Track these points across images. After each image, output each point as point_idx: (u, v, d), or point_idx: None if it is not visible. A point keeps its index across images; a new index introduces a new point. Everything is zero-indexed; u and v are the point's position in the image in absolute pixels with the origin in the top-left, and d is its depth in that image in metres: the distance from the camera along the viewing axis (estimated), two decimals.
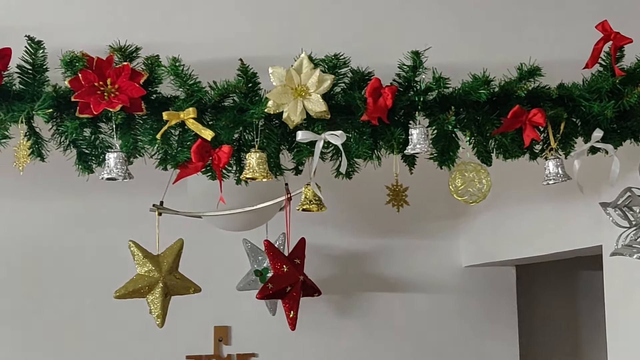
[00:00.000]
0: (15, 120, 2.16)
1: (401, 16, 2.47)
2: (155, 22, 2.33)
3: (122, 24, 2.30)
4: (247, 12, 2.38)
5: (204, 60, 2.25)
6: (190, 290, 3.01)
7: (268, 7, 2.39)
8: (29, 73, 2.19)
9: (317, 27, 2.43)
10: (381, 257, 4.05)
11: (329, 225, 3.89)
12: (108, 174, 2.22)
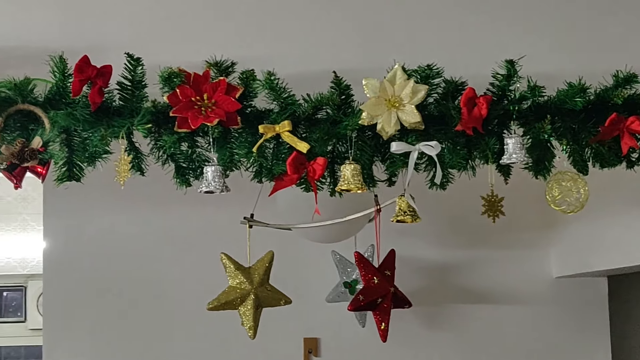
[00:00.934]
0: (116, 136, 2.21)
1: (494, 26, 2.46)
2: (249, 37, 2.37)
3: (218, 39, 2.33)
4: (339, 24, 2.40)
5: (297, 73, 2.27)
6: (281, 302, 3.03)
7: (360, 19, 2.41)
8: (128, 89, 2.24)
9: (409, 38, 2.44)
10: (470, 268, 4.01)
11: (417, 236, 3.87)
12: (206, 187, 2.25)
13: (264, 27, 2.38)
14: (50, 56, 2.19)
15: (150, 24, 2.28)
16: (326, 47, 2.39)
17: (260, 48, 2.36)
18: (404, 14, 2.42)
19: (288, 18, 2.38)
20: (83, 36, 2.29)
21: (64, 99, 2.21)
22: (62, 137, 2.21)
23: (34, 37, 2.27)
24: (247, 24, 2.36)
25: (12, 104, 2.18)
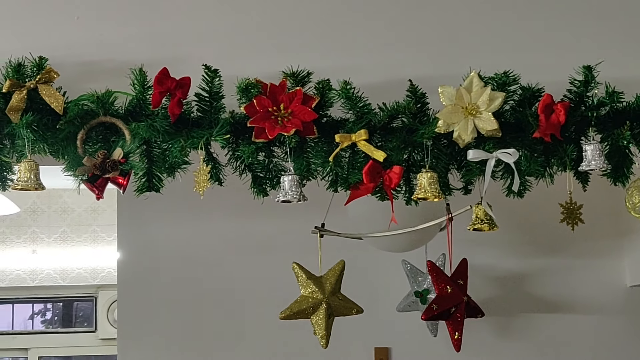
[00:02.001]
0: (195, 147, 2.24)
1: (571, 31, 2.44)
2: (325, 47, 2.38)
3: (294, 50, 2.35)
4: (414, 33, 2.40)
5: (373, 82, 2.28)
6: (353, 312, 3.03)
7: (435, 27, 2.40)
8: (206, 100, 2.27)
9: (485, 45, 2.43)
10: (543, 277, 3.96)
11: (488, 245, 3.84)
12: (284, 196, 2.27)
13: (339, 37, 2.39)
14: (131, 69, 2.23)
15: (228, 36, 2.30)
16: (401, 56, 2.40)
17: (336, 58, 2.37)
18: (479, 21, 2.42)
19: (363, 28, 2.39)
20: (162, 49, 2.32)
21: (144, 111, 2.25)
22: (142, 148, 2.25)
23: (114, 51, 2.31)
24: (323, 34, 2.38)
25: (94, 117, 2.22)
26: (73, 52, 2.30)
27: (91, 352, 6.85)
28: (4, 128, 2.21)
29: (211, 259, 3.74)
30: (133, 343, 3.72)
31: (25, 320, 7.06)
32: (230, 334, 3.74)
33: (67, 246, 6.57)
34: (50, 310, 7.21)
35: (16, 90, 2.17)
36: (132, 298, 3.72)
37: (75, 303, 7.04)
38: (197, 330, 3.73)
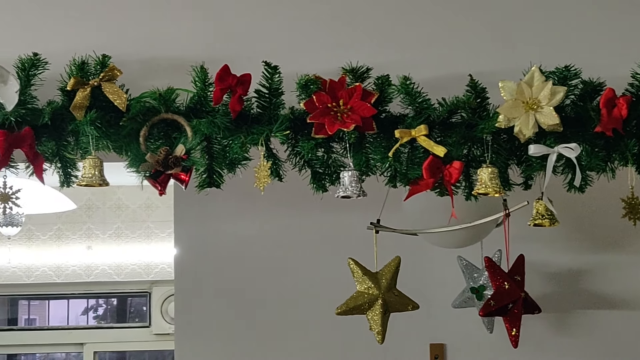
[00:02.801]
0: (255, 143, 2.26)
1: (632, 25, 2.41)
2: (384, 42, 2.39)
3: (353, 45, 2.36)
4: (474, 27, 2.39)
5: (432, 77, 2.28)
6: (409, 307, 3.03)
7: (495, 21, 2.39)
8: (265, 97, 2.29)
9: (545, 40, 2.41)
10: (600, 273, 3.91)
11: (545, 241, 3.80)
12: (343, 192, 2.28)
13: (398, 32, 2.39)
14: (192, 67, 2.25)
15: (287, 33, 2.32)
16: (461, 51, 2.39)
17: (395, 53, 2.38)
18: (539, 16, 2.40)
19: (422, 22, 2.39)
20: (223, 46, 2.34)
21: (205, 108, 2.27)
22: (203, 144, 2.27)
23: (176, 49, 2.34)
24: (382, 29, 2.38)
25: (157, 114, 2.25)
26: (135, 50, 2.33)
27: (145, 347, 6.93)
28: (68, 125, 2.24)
29: (267, 255, 3.76)
30: (190, 338, 3.76)
31: (80, 316, 7.17)
32: (286, 329, 3.76)
33: (122, 242, 6.66)
34: (104, 305, 7.32)
35: (80, 88, 2.20)
36: (189, 294, 3.76)
37: (129, 298, 7.13)
38: (252, 325, 3.75)
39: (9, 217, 5.29)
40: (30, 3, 2.30)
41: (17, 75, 2.19)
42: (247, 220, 3.72)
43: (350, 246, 3.27)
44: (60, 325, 7.01)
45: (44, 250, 6.59)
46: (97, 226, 6.65)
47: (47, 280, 6.60)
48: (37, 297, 7.00)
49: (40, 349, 7.02)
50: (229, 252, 3.74)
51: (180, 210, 3.77)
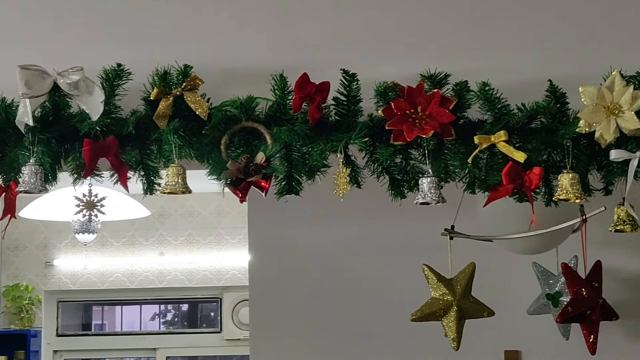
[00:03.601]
0: (335, 150, 2.28)
1: None
2: (462, 49, 2.38)
3: (431, 52, 2.36)
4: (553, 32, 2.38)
5: (511, 82, 2.27)
6: (484, 314, 3.02)
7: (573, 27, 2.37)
8: (344, 104, 2.30)
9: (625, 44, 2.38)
10: None
11: (621, 247, 3.76)
12: (422, 198, 2.28)
13: (477, 38, 2.39)
14: (272, 75, 2.28)
15: (365, 41, 2.33)
16: (540, 56, 2.38)
17: (473, 59, 2.37)
18: (618, 20, 2.37)
19: (501, 28, 2.38)
20: (302, 55, 2.36)
21: (284, 116, 2.29)
22: (282, 152, 2.29)
23: (256, 58, 2.37)
24: (460, 35, 2.38)
25: (237, 122, 2.28)
26: (216, 60, 2.37)
27: (216, 352, 7.00)
28: (151, 134, 2.29)
29: (341, 261, 3.78)
30: (264, 344, 3.80)
31: (153, 321, 7.27)
32: (361, 335, 3.77)
33: (193, 248, 6.74)
34: (174, 311, 7.40)
35: (163, 98, 2.25)
36: (263, 299, 3.80)
37: (200, 304, 7.20)
38: (327, 331, 3.77)
39: (85, 224, 5.40)
40: (114, 15, 2.36)
41: (101, 86, 2.24)
42: (321, 226, 3.74)
43: (425, 252, 3.27)
44: (132, 330, 7.11)
45: (117, 257, 6.71)
46: (169, 233, 6.74)
47: (120, 286, 6.72)
48: (110, 302, 7.11)
49: (114, 353, 7.14)
50: (303, 258, 3.77)
51: (254, 217, 3.81)
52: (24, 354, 6.49)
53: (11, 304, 6.57)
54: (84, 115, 2.24)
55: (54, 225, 6.51)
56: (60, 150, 2.28)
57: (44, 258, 6.71)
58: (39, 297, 6.67)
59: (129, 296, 6.93)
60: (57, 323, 6.90)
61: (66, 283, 6.72)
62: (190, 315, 7.31)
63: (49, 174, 2.27)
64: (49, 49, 2.34)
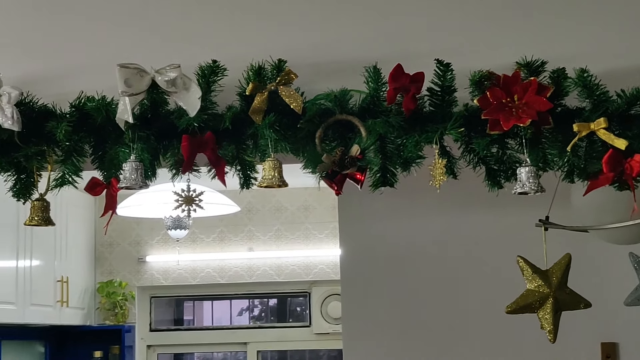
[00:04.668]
0: (430, 141, 2.26)
1: None
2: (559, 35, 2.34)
3: (526, 40, 2.32)
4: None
5: (610, 69, 2.22)
6: (581, 306, 2.96)
7: None
8: (438, 95, 2.28)
9: None
10: None
11: None
12: (521, 188, 2.25)
13: (573, 23, 2.34)
14: (365, 67, 2.27)
15: (459, 30, 2.31)
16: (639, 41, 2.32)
17: (570, 45, 2.32)
18: None
19: (598, 13, 2.33)
20: (395, 46, 2.36)
21: (378, 108, 2.29)
22: (377, 144, 2.29)
23: (349, 50, 2.37)
24: (556, 21, 2.33)
25: (331, 115, 2.29)
26: (310, 53, 2.37)
27: (306, 346, 7.04)
28: (247, 129, 2.31)
29: (434, 253, 3.77)
30: (357, 337, 3.81)
31: (243, 316, 7.35)
32: (454, 328, 3.75)
33: (282, 243, 6.79)
34: (261, 306, 7.47)
35: (258, 93, 2.26)
36: (355, 293, 3.81)
37: (289, 298, 7.25)
38: (420, 324, 3.76)
39: (177, 220, 5.50)
40: (207, 12, 2.38)
41: (198, 82, 2.27)
42: (413, 218, 3.73)
43: (519, 244, 3.23)
44: (224, 325, 7.20)
45: (208, 252, 6.80)
46: (257, 228, 6.81)
47: (211, 281, 6.81)
48: (201, 297, 7.22)
49: (205, 348, 7.24)
50: (394, 251, 3.76)
51: (344, 211, 3.82)
52: (118, 349, 6.63)
53: (105, 300, 6.72)
54: (181, 111, 2.27)
55: (146, 222, 6.64)
56: (159, 146, 2.31)
57: (137, 255, 6.85)
58: (132, 293, 6.81)
59: (219, 291, 7.02)
60: (150, 318, 7.03)
61: (158, 279, 6.85)
62: (280, 309, 7.37)
63: (148, 170, 2.31)
64: (146, 48, 2.38)
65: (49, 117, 2.33)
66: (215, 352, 7.43)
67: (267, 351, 7.16)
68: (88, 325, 6.64)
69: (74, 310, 6.40)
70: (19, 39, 2.35)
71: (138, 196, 5.14)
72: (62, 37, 2.34)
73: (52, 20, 2.26)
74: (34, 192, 2.43)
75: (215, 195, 5.19)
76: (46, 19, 2.25)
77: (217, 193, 5.23)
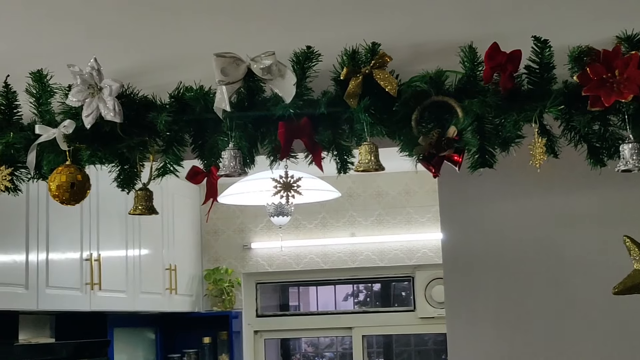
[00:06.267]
0: (529, 120, 2.22)
1: None
2: None
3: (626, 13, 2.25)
4: None
5: None
6: None
7: None
8: (536, 72, 2.24)
9: None
10: None
11: None
12: (624, 165, 2.19)
13: None
14: (460, 47, 2.25)
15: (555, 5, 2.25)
16: None
17: None
18: None
19: None
20: (491, 24, 2.32)
21: (475, 88, 2.26)
22: (474, 125, 2.26)
23: (443, 31, 2.34)
24: None
25: (427, 97, 2.27)
26: (403, 35, 2.36)
27: (410, 331, 7.03)
28: (343, 114, 2.31)
29: (538, 234, 3.70)
30: (461, 322, 3.77)
31: (346, 301, 7.38)
32: (560, 311, 3.68)
33: (383, 228, 6.79)
34: (365, 290, 7.49)
35: (352, 77, 2.27)
36: (459, 277, 3.77)
37: (393, 283, 7.25)
38: (525, 307, 3.70)
39: (279, 207, 5.55)
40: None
41: (293, 69, 2.28)
42: (514, 199, 3.67)
43: (624, 223, 3.15)
44: (329, 310, 7.25)
45: (310, 238, 6.85)
46: (359, 213, 6.82)
47: (314, 266, 6.86)
48: (305, 283, 7.28)
49: (311, 333, 7.30)
50: (497, 233, 3.71)
51: (444, 194, 3.79)
52: (226, 334, 6.75)
53: (213, 286, 6.84)
54: (277, 98, 2.29)
55: (249, 210, 6.73)
56: (256, 133, 2.34)
57: (242, 242, 6.95)
58: (239, 280, 6.92)
59: (323, 277, 7.07)
60: (257, 304, 7.13)
61: (263, 265, 6.94)
62: (383, 294, 7.37)
63: (246, 157, 2.34)
64: (241, 37, 2.40)
65: (149, 108, 2.39)
66: (322, 337, 7.49)
67: (372, 336, 7.18)
68: (196, 311, 6.77)
69: (183, 297, 6.54)
70: (119, 33, 2.40)
71: (240, 184, 5.21)
72: (160, 30, 2.38)
73: (150, 14, 2.30)
74: (137, 182, 2.50)
75: (316, 182, 5.21)
76: (144, 12, 2.30)
77: (318, 179, 5.26)
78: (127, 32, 2.41)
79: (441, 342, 6.92)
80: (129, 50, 2.49)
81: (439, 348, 7.09)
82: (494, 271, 3.72)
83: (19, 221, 4.61)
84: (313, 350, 7.65)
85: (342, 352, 7.41)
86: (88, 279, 5.19)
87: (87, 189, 2.40)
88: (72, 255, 5.12)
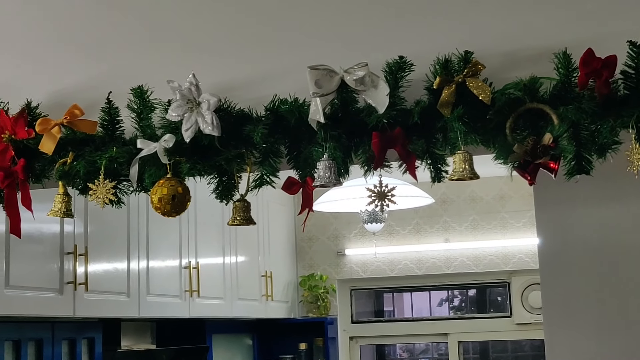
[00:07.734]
0: (626, 126, 2.19)
1: None
2: None
3: None
4: None
5: None
6: None
7: None
8: (632, 77, 2.21)
9: None
10: None
11: None
12: None
13: None
14: (554, 54, 2.23)
15: None
16: None
17: None
18: None
19: None
20: (585, 30, 2.30)
21: (570, 94, 2.24)
22: (570, 131, 2.24)
23: (536, 37, 2.33)
24: None
25: (521, 104, 2.26)
26: (496, 43, 2.35)
27: (507, 337, 6.96)
28: (436, 123, 2.32)
29: (634, 241, 3.62)
30: (560, 328, 3.72)
31: (441, 307, 7.35)
32: None
33: (478, 234, 6.74)
34: (459, 296, 7.44)
35: (446, 86, 2.27)
36: (556, 282, 3.72)
37: (488, 289, 7.19)
38: (625, 313, 3.64)
39: (372, 214, 5.58)
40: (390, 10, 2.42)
41: (385, 79, 2.30)
42: (612, 206, 3.61)
43: None
44: (424, 316, 7.23)
45: (404, 245, 6.85)
46: (453, 219, 6.79)
47: (409, 272, 6.86)
48: (400, 289, 7.28)
49: (406, 339, 7.30)
50: (595, 238, 3.65)
51: (540, 200, 3.75)
52: (322, 340, 6.80)
53: (308, 293, 6.91)
54: (370, 109, 2.32)
55: (343, 216, 6.78)
56: (350, 144, 2.37)
57: (336, 248, 7.00)
58: (333, 286, 6.96)
59: (417, 283, 7.05)
60: (351, 310, 7.17)
61: (357, 271, 6.97)
62: (479, 300, 7.31)
63: (341, 167, 2.37)
64: (332, 49, 2.44)
65: (246, 121, 2.44)
66: (419, 344, 7.47)
67: (469, 342, 7.13)
68: (292, 317, 6.84)
69: (279, 304, 6.62)
70: (214, 48, 2.47)
71: (334, 191, 5.25)
72: (255, 44, 2.43)
73: (245, 28, 2.36)
74: (235, 193, 2.55)
75: (409, 188, 5.22)
76: (239, 27, 2.35)
77: (411, 186, 5.26)
78: (222, 47, 2.46)
79: (538, 348, 6.83)
80: (225, 65, 2.55)
81: (536, 354, 7.00)
82: (592, 276, 3.67)
83: (120, 231, 4.75)
84: (408, 356, 7.64)
85: (438, 357, 7.38)
86: (187, 286, 5.31)
87: (188, 201, 2.46)
88: (171, 263, 5.25)
